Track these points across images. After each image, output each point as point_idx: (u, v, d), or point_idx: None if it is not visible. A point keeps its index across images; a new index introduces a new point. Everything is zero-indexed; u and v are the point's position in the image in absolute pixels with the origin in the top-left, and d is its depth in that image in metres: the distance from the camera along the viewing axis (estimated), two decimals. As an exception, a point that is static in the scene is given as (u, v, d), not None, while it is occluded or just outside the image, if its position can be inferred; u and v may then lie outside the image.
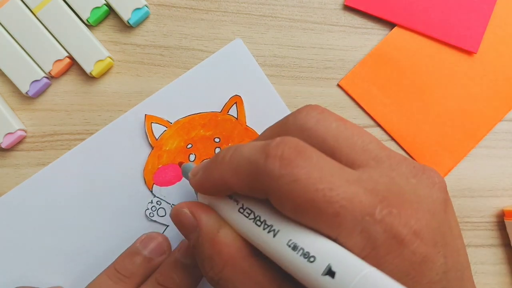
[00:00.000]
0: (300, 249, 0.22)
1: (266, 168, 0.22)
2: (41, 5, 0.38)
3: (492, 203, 0.41)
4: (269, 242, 0.23)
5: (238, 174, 0.24)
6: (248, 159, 0.24)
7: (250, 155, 0.24)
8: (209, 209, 0.27)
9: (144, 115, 0.38)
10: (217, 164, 0.26)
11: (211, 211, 0.27)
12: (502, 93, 0.41)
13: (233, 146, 0.26)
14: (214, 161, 0.26)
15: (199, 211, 0.27)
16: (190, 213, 0.27)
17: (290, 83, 0.40)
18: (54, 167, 0.38)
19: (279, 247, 0.23)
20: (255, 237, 0.24)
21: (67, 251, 0.37)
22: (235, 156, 0.25)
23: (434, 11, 0.41)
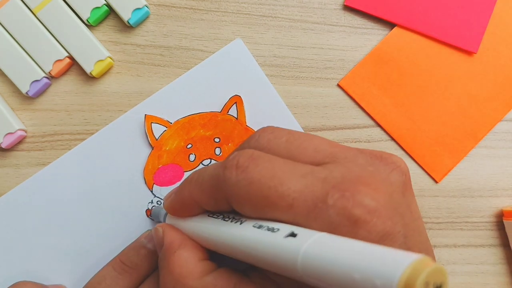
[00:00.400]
0: (265, 227, 0.23)
1: (225, 177, 0.25)
2: (41, 5, 0.38)
3: (492, 203, 0.41)
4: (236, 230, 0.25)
5: (204, 190, 0.27)
6: (211, 174, 0.27)
7: (212, 171, 0.27)
8: (177, 230, 0.30)
9: (144, 115, 0.38)
10: (186, 185, 0.29)
11: (178, 233, 0.30)
12: (502, 93, 0.41)
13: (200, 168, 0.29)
14: (183, 183, 0.29)
15: (167, 230, 0.30)
16: (161, 232, 0.30)
17: (290, 83, 0.40)
18: (54, 167, 0.38)
19: (245, 230, 0.24)
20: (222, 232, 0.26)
21: (67, 251, 0.37)
22: (201, 174, 0.28)
23: (434, 11, 0.41)
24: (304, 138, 0.27)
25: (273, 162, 0.25)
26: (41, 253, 0.37)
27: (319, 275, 0.19)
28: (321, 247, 0.20)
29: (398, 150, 0.40)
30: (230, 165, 0.25)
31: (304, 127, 0.40)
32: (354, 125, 0.41)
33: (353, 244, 0.20)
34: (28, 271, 0.37)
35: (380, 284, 0.17)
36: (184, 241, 0.29)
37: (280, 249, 0.22)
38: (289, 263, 0.21)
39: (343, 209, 0.22)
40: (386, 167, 0.26)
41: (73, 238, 0.38)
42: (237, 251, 0.25)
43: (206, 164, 0.38)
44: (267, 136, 0.28)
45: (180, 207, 0.30)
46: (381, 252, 0.18)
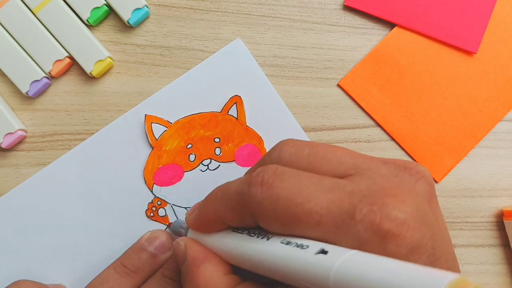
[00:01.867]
0: (294, 243, 0.23)
1: (250, 195, 0.25)
2: (41, 5, 0.38)
3: (492, 203, 0.41)
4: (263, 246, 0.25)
5: (229, 207, 0.27)
6: (235, 191, 0.26)
7: (236, 187, 0.26)
8: (201, 245, 0.30)
9: (144, 115, 0.38)
10: (210, 202, 0.29)
11: (200, 246, 0.29)
12: (502, 93, 0.41)
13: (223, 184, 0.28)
14: (207, 199, 0.29)
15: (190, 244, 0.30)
16: (183, 246, 0.30)
17: (290, 83, 0.40)
18: (54, 167, 0.38)
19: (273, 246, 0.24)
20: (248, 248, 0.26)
21: (67, 251, 0.37)
22: (225, 191, 0.27)
23: (434, 11, 0.41)
24: (326, 150, 0.27)
25: (298, 177, 0.24)
26: (41, 253, 0.37)
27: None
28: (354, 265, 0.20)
29: (398, 150, 0.41)
30: (255, 182, 0.25)
31: (304, 127, 0.40)
32: (354, 125, 0.41)
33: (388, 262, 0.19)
34: (28, 270, 0.37)
35: None
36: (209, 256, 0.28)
37: (311, 266, 0.21)
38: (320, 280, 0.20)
39: (371, 224, 0.22)
40: (411, 178, 0.25)
41: (73, 238, 0.38)
42: (264, 267, 0.25)
43: (206, 164, 0.38)
44: (288, 150, 0.28)
45: (203, 223, 0.30)
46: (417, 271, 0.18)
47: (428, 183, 0.25)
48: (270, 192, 0.24)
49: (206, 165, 0.38)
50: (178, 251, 0.30)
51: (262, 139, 0.39)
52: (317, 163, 0.26)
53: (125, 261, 0.35)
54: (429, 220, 0.24)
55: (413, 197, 0.24)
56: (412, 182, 0.25)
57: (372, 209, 0.22)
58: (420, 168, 0.26)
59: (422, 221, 0.23)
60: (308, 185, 0.24)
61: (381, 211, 0.22)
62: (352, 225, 0.22)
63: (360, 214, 0.22)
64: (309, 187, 0.24)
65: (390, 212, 0.22)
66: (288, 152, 0.27)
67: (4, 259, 0.37)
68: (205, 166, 0.38)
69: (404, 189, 0.24)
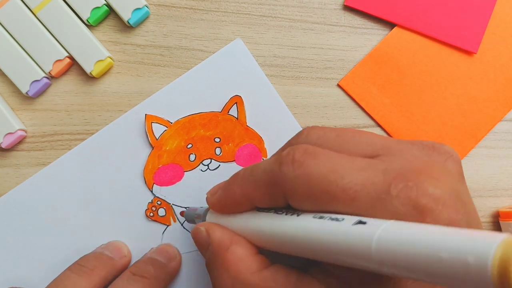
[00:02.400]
0: (327, 217, 0.23)
1: (282, 173, 0.25)
2: (41, 5, 0.38)
3: (492, 203, 0.41)
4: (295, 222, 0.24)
5: (259, 186, 0.26)
6: (265, 170, 0.26)
7: (266, 167, 0.26)
8: (222, 227, 0.29)
9: (145, 115, 0.38)
10: (237, 181, 0.28)
11: (224, 229, 0.29)
12: (502, 93, 0.41)
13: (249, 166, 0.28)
14: (234, 179, 0.29)
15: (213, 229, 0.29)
16: (205, 231, 0.29)
17: (290, 83, 0.40)
18: (54, 167, 0.38)
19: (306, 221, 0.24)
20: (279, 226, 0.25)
21: (67, 251, 0.37)
22: (254, 171, 0.27)
23: (434, 11, 0.41)
24: (354, 133, 0.27)
25: (329, 156, 0.24)
26: (41, 253, 0.37)
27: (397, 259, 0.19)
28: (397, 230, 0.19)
29: (398, 150, 0.40)
30: (286, 160, 0.25)
31: (304, 127, 0.40)
32: (354, 125, 0.41)
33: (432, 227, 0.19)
34: (28, 270, 0.37)
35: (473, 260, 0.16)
36: (235, 237, 0.28)
37: (350, 237, 0.21)
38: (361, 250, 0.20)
39: (408, 199, 0.22)
40: (440, 156, 0.25)
41: (73, 238, 0.38)
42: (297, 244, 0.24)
43: (206, 164, 0.38)
44: (317, 133, 0.28)
45: (229, 203, 0.29)
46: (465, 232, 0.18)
47: (457, 162, 0.26)
48: (302, 170, 0.24)
49: (206, 165, 0.38)
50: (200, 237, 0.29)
51: (263, 139, 0.39)
52: (346, 145, 0.26)
53: (81, 262, 0.35)
54: (462, 198, 0.24)
55: (446, 175, 0.24)
56: (442, 161, 0.25)
57: (408, 184, 0.22)
58: (447, 148, 0.26)
59: (456, 198, 0.23)
60: (341, 163, 0.24)
61: (417, 186, 0.22)
62: (388, 201, 0.22)
63: (395, 189, 0.22)
64: (341, 165, 0.24)
65: (426, 187, 0.22)
66: (317, 134, 0.27)
67: (4, 259, 0.37)
68: (205, 166, 0.38)
69: (437, 168, 0.24)
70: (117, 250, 0.36)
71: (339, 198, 0.23)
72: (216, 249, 0.28)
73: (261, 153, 0.39)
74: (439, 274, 0.17)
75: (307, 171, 0.24)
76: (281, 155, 0.25)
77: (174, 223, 0.38)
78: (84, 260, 0.35)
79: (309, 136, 0.28)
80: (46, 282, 0.36)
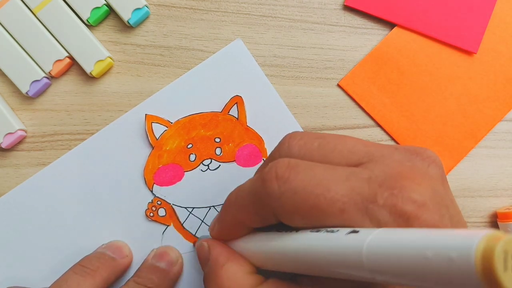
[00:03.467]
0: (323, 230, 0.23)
1: (267, 191, 0.24)
2: (41, 5, 0.38)
3: (492, 203, 0.41)
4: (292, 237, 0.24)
5: (248, 210, 0.26)
6: (249, 191, 0.26)
7: (250, 188, 0.26)
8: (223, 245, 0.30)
9: (145, 115, 0.38)
10: (227, 210, 0.28)
11: (225, 247, 0.29)
12: (502, 93, 0.41)
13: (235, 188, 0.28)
14: (224, 209, 0.29)
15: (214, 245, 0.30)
16: (207, 247, 0.30)
17: (290, 83, 0.40)
18: (54, 167, 0.38)
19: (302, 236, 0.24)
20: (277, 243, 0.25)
21: (67, 251, 0.37)
22: (239, 194, 0.27)
23: (434, 11, 0.41)
24: (336, 141, 0.27)
25: (312, 169, 0.24)
26: (41, 253, 0.37)
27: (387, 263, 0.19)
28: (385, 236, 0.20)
29: (398, 150, 0.40)
30: (269, 177, 0.24)
31: (304, 127, 0.40)
32: (354, 125, 0.41)
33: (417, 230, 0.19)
34: (28, 270, 0.37)
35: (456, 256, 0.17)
36: (232, 255, 0.28)
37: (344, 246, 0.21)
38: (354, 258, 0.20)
39: (394, 207, 0.22)
40: (423, 162, 0.25)
41: (73, 238, 0.38)
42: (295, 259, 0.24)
43: (206, 164, 0.38)
44: (297, 143, 0.27)
45: (227, 233, 0.30)
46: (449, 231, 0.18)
47: (439, 166, 0.26)
48: (287, 186, 0.24)
49: (206, 165, 0.38)
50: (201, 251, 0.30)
51: (263, 139, 0.39)
52: (329, 154, 0.26)
53: (83, 263, 0.35)
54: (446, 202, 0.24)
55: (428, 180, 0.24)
56: (425, 166, 0.25)
57: (393, 192, 0.23)
58: (430, 153, 0.26)
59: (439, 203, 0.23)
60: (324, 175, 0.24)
61: (402, 194, 0.22)
62: (375, 210, 0.22)
63: (382, 198, 0.23)
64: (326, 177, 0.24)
65: (410, 194, 0.22)
66: (298, 145, 0.27)
67: (4, 259, 0.37)
68: (206, 166, 0.38)
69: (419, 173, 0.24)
70: (119, 250, 0.36)
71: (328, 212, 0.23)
72: (212, 264, 0.28)
73: (261, 153, 0.39)
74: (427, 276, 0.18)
75: (292, 186, 0.24)
76: (263, 173, 0.25)
77: (174, 223, 0.38)
78: (86, 261, 0.35)
79: (290, 148, 0.27)
80: (46, 282, 0.36)
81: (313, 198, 0.23)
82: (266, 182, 0.25)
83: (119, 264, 0.36)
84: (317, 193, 0.23)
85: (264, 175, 0.25)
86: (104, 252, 0.36)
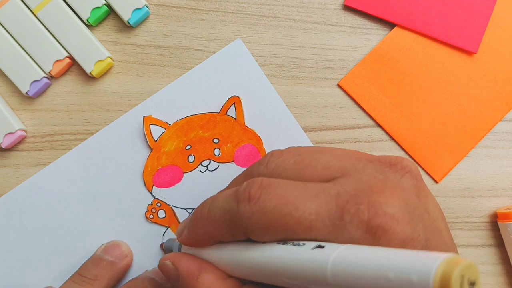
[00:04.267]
0: (290, 243, 0.23)
1: (239, 212, 0.25)
2: (41, 5, 0.38)
3: (492, 203, 0.41)
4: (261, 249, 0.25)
5: (219, 225, 0.26)
6: (223, 209, 0.26)
7: (224, 204, 0.26)
8: (191, 257, 0.29)
9: (143, 117, 0.38)
10: (198, 221, 0.28)
11: (192, 258, 0.29)
12: (502, 93, 0.41)
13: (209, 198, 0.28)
14: (195, 218, 0.29)
15: (180, 260, 0.29)
16: (171, 264, 0.29)
17: (290, 83, 0.40)
18: (54, 167, 0.38)
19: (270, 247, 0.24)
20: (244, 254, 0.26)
21: (67, 251, 0.37)
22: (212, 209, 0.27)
23: (434, 11, 0.41)
24: (312, 157, 0.27)
25: (284, 187, 0.24)
26: (41, 253, 0.37)
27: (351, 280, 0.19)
28: (350, 253, 0.20)
29: (398, 150, 0.41)
30: (243, 198, 0.25)
31: (304, 127, 0.40)
32: (354, 125, 0.41)
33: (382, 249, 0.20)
34: (28, 270, 0.37)
35: (416, 279, 0.17)
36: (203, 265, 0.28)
37: (309, 260, 0.21)
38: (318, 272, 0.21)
39: (361, 223, 0.22)
40: (396, 173, 0.25)
41: (73, 239, 0.38)
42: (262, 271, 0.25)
43: (205, 165, 0.38)
44: (275, 161, 0.28)
45: (195, 241, 0.29)
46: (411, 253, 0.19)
47: (414, 176, 0.26)
48: (257, 207, 0.24)
49: (205, 166, 0.38)
50: (167, 270, 0.29)
51: (261, 139, 0.39)
52: (304, 171, 0.26)
53: (82, 272, 0.35)
54: (419, 213, 0.24)
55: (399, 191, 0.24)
56: (398, 178, 0.25)
57: (360, 208, 0.23)
58: (406, 163, 0.26)
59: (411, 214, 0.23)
60: (295, 193, 0.24)
61: (368, 209, 0.22)
62: (342, 227, 0.23)
63: (348, 215, 0.23)
64: (295, 195, 0.24)
65: (378, 208, 0.22)
66: (275, 163, 0.28)
67: (4, 259, 0.37)
68: (204, 167, 0.38)
69: (390, 185, 0.24)
70: (118, 251, 0.36)
71: (296, 230, 0.23)
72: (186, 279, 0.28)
73: (260, 153, 0.39)
74: None
75: (262, 206, 0.24)
76: (238, 192, 0.25)
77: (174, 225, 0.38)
78: (84, 270, 0.35)
79: (268, 165, 0.28)
80: (46, 282, 0.37)
81: (282, 218, 0.23)
82: (240, 202, 0.25)
83: (119, 268, 0.36)
84: (285, 212, 0.23)
85: (238, 195, 0.25)
86: (103, 257, 0.36)
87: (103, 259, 0.36)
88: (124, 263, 0.36)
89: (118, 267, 0.36)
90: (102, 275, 0.35)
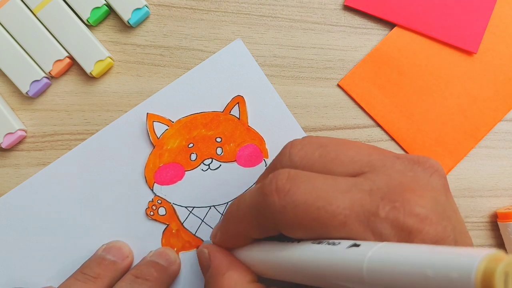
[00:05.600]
0: (325, 242, 0.23)
1: (268, 205, 0.24)
2: (41, 5, 0.38)
3: (492, 203, 0.41)
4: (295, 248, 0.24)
5: (249, 222, 0.26)
6: (251, 204, 0.26)
7: (251, 200, 0.26)
8: (226, 252, 0.30)
9: (146, 114, 0.38)
10: (228, 221, 0.28)
11: (227, 255, 0.29)
12: (502, 93, 0.41)
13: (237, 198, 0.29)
14: (225, 219, 0.29)
15: (215, 252, 0.30)
16: (207, 254, 0.30)
17: (290, 83, 0.40)
18: (54, 167, 0.38)
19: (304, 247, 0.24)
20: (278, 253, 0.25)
21: (67, 251, 0.37)
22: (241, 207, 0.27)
23: (434, 11, 0.41)
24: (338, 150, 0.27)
25: (313, 180, 0.24)
26: (41, 253, 0.37)
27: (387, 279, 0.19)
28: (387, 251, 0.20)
29: (398, 150, 0.41)
30: (270, 190, 0.24)
31: (304, 127, 0.40)
32: (354, 125, 0.41)
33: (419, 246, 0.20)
34: (27, 270, 0.37)
35: (457, 276, 0.17)
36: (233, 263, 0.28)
37: (345, 259, 0.21)
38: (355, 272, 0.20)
39: (396, 220, 0.22)
40: (425, 172, 0.25)
41: (73, 238, 0.37)
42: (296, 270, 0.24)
43: (207, 163, 0.38)
44: (298, 153, 0.27)
45: (230, 242, 0.29)
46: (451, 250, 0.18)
47: (442, 176, 0.26)
48: (288, 199, 0.24)
49: (207, 164, 0.38)
50: (202, 258, 0.30)
51: (264, 139, 0.39)
52: (330, 164, 0.26)
53: (85, 270, 0.35)
54: (449, 213, 0.24)
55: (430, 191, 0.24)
56: (427, 177, 0.25)
57: (395, 205, 0.23)
58: (433, 162, 0.26)
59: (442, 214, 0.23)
60: (325, 187, 0.24)
61: (404, 207, 0.22)
62: (377, 223, 0.22)
63: (383, 211, 0.22)
64: (326, 189, 0.24)
65: (412, 207, 0.22)
66: (299, 155, 0.27)
67: (4, 259, 0.37)
68: (206, 165, 0.38)
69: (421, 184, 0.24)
70: (119, 251, 0.36)
71: (330, 224, 0.23)
72: (213, 272, 0.28)
73: (262, 153, 0.39)
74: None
75: (293, 199, 0.24)
76: (264, 185, 0.25)
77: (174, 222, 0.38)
78: (87, 268, 0.35)
79: (291, 157, 0.27)
80: (46, 282, 0.37)
81: (315, 211, 0.23)
82: (267, 195, 0.24)
83: (120, 268, 0.36)
84: (319, 206, 0.23)
85: (264, 188, 0.25)
86: (105, 256, 0.36)
87: (105, 259, 0.36)
88: (125, 263, 0.36)
89: (119, 267, 0.36)
90: (104, 274, 0.35)
